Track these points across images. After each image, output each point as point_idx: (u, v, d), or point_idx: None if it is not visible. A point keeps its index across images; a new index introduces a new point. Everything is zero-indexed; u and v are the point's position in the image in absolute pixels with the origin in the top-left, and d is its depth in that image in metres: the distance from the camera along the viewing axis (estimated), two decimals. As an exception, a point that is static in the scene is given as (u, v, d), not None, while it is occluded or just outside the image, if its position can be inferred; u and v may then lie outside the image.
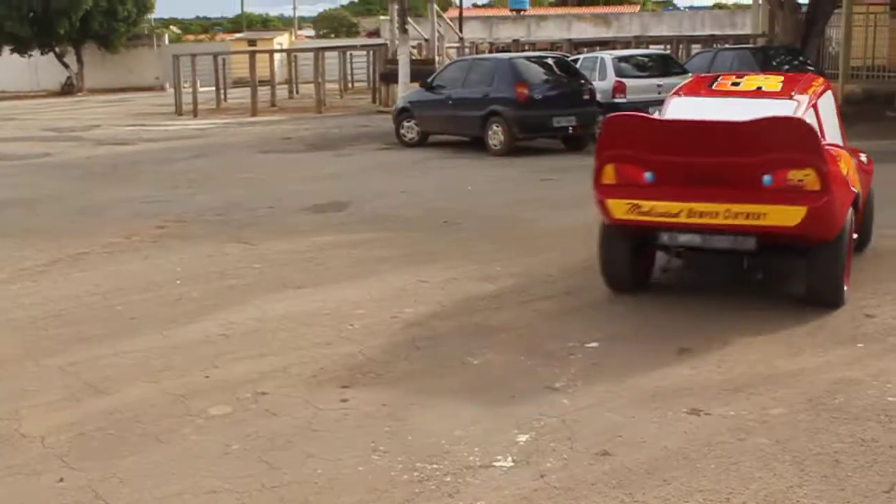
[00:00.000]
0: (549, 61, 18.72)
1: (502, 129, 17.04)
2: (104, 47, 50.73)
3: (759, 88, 7.68)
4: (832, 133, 7.50)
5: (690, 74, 16.88)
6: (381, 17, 58.43)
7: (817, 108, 7.34)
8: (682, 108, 7.48)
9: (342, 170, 16.05)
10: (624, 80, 18.60)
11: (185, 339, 6.71)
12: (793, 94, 7.40)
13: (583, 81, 17.83)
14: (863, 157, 8.17)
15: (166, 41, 56.79)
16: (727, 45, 26.05)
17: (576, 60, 19.89)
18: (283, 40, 55.08)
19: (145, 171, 16.95)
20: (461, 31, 35.62)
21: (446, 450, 4.76)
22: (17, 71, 51.94)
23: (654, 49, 27.16)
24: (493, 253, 9.18)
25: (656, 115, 7.49)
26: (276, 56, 38.11)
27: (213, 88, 33.75)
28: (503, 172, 15.05)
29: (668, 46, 28.98)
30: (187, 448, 4.92)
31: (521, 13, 53.28)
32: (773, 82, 7.78)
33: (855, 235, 7.28)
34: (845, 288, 6.88)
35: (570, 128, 17.22)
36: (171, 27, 79.41)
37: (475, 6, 76.86)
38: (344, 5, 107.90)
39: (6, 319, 7.48)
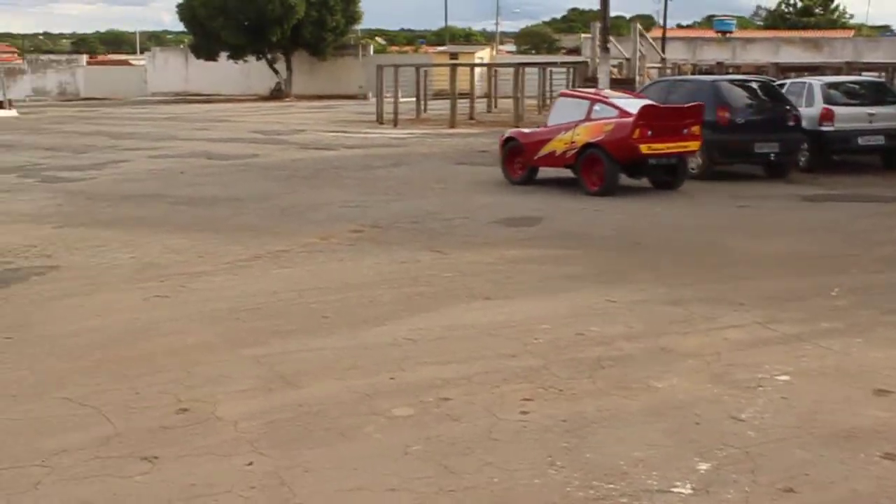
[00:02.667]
0: (754, 85, 18.23)
1: (701, 153, 16.68)
2: (313, 55, 52.72)
3: None
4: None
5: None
6: (583, 36, 58.25)
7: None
8: None
9: (536, 185, 16.11)
10: (833, 107, 17.89)
11: (374, 341, 6.90)
12: None
13: (788, 107, 17.27)
14: None
15: (371, 51, 58.50)
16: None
17: (782, 85, 19.28)
18: (484, 55, 55.80)
19: (345, 176, 17.53)
20: (663, 51, 35.15)
21: (624, 471, 4.72)
22: (232, 76, 54.77)
23: (868, 76, 26.01)
24: (685, 277, 9.03)
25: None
26: (477, 70, 38.70)
27: (414, 99, 34.58)
28: (699, 197, 14.75)
29: (883, 74, 27.68)
30: (370, 445, 5.07)
31: (727, 35, 52.07)
32: None
33: None
34: None
35: (772, 154, 16.71)
36: (377, 38, 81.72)
37: (679, 27, 75.58)
38: (546, 22, 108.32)
39: (209, 309, 7.90)
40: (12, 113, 41.48)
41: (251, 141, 25.64)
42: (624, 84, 26.17)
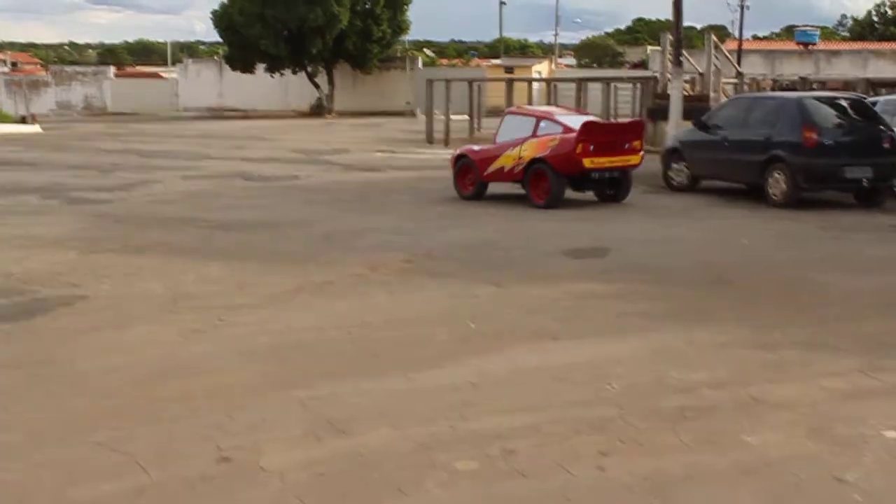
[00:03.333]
0: (843, 103, 17.95)
1: (785, 178, 16.46)
2: (356, 68, 52.96)
3: None
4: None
5: None
6: (650, 48, 58.17)
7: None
8: None
9: (602, 212, 16.00)
10: (935, 128, 17.56)
11: (431, 384, 6.82)
12: None
13: (882, 127, 16.98)
14: None
15: (419, 64, 58.72)
16: None
17: (874, 103, 18.99)
18: (542, 68, 55.89)
19: (394, 200, 17.54)
20: (739, 65, 34.89)
21: (717, 538, 4.59)
22: (269, 90, 55.16)
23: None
24: (772, 317, 8.85)
25: None
26: (535, 85, 38.66)
27: (467, 116, 34.58)
28: (784, 226, 14.54)
29: None
30: (430, 503, 4.98)
31: (809, 47, 51.64)
32: None
33: None
34: None
35: (865, 180, 16.43)
36: (425, 50, 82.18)
37: (755, 38, 75.14)
38: (608, 33, 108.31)
39: (250, 346, 7.88)
40: (35, 128, 42.14)
41: (291, 161, 25.80)
42: (697, 101, 25.98)
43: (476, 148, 18.57)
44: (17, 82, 60.98)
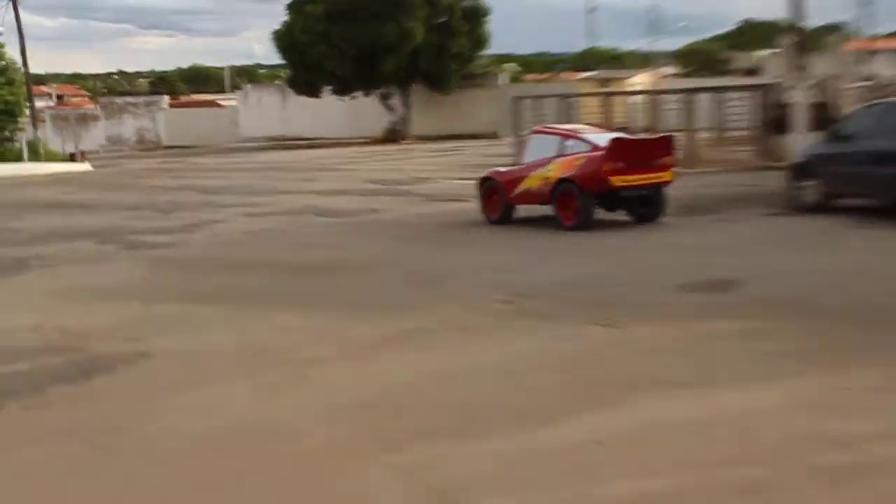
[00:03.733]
0: None
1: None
2: (433, 88, 53.13)
3: None
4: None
5: None
6: (763, 53, 57.55)
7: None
8: None
9: (722, 239, 15.68)
10: None
11: (549, 444, 6.60)
12: None
13: None
14: None
15: (503, 81, 58.67)
16: None
17: None
18: (640, 80, 55.52)
19: (482, 233, 17.42)
20: (871, 67, 34.25)
21: None
22: (337, 115, 55.60)
23: None
24: (940, 357, 8.47)
25: None
26: (634, 98, 38.34)
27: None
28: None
29: None
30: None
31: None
32: None
33: None
34: None
35: None
36: (509, 64, 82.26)
37: (880, 37, 73.83)
38: (711, 38, 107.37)
39: (335, 404, 7.75)
40: (85, 166, 43.11)
41: (366, 193, 25.88)
42: (821, 110, 25.49)
43: (502, 169, 19.80)
44: (64, 117, 62.58)
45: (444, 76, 52.21)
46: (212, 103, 79.85)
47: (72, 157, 44.62)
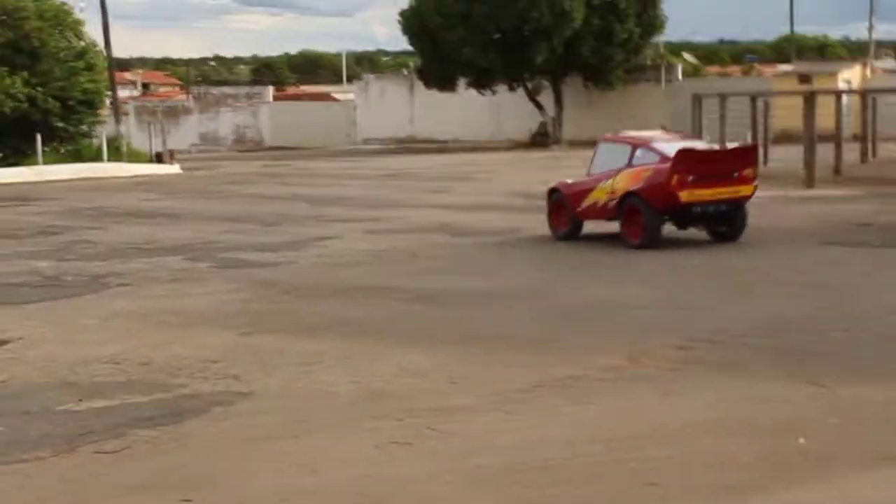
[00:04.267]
0: None
1: None
2: (593, 81, 52.90)
3: None
4: None
5: None
6: None
7: None
8: None
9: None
10: None
11: (736, 527, 6.51)
12: None
13: None
14: None
15: (679, 75, 58.20)
16: None
17: None
18: (852, 75, 54.50)
19: (654, 261, 17.30)
20: None
21: None
22: (475, 113, 55.70)
23: None
24: None
25: None
26: (844, 98, 37.71)
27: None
28: None
29: None
30: None
31: None
32: None
33: None
34: None
35: None
36: (685, 55, 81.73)
37: None
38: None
39: (473, 466, 7.76)
40: (174, 169, 43.98)
41: (510, 208, 25.89)
42: None
43: (569, 181, 21.04)
44: (150, 110, 64.15)
45: (606, 68, 51.91)
46: (325, 96, 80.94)
47: (158, 158, 45.52)
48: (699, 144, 21.06)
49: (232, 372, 10.58)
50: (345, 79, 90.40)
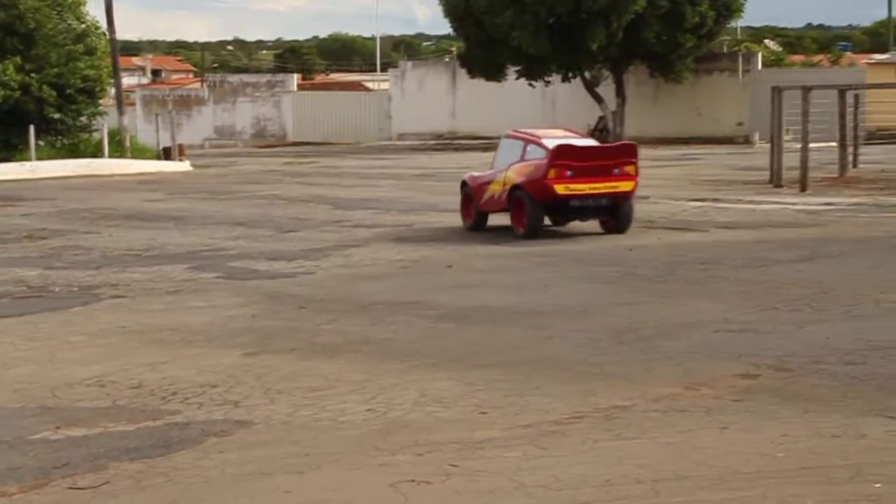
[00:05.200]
0: None
1: None
2: (659, 72, 52.77)
3: None
4: None
5: None
6: None
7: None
8: None
9: None
10: None
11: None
12: None
13: None
14: None
15: (758, 64, 57.98)
16: None
17: None
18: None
19: (719, 277, 17.25)
20: None
21: None
22: (525, 106, 55.57)
23: None
24: None
25: None
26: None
27: (836, 144, 33.87)
28: None
29: None
30: None
31: None
32: None
33: None
34: None
35: None
36: (767, 42, 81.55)
37: None
38: None
39: (501, 507, 7.73)
40: (183, 166, 44.16)
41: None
42: None
43: (476, 174, 24.61)
44: (160, 99, 64.46)
45: (674, 56, 51.64)
46: (356, 85, 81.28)
47: (166, 153, 45.56)
48: (581, 141, 23.92)
49: (232, 397, 10.61)
50: (378, 66, 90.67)
